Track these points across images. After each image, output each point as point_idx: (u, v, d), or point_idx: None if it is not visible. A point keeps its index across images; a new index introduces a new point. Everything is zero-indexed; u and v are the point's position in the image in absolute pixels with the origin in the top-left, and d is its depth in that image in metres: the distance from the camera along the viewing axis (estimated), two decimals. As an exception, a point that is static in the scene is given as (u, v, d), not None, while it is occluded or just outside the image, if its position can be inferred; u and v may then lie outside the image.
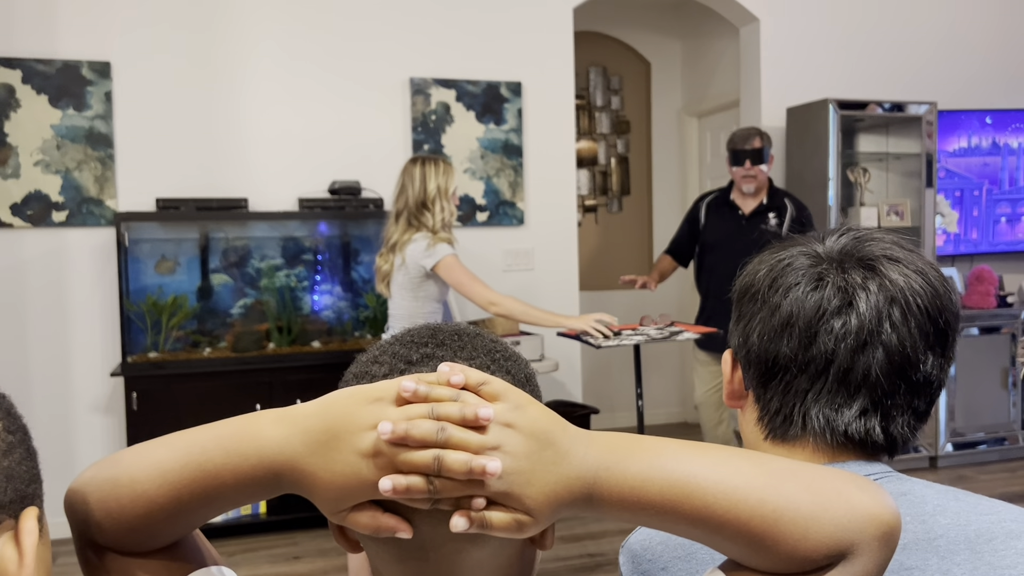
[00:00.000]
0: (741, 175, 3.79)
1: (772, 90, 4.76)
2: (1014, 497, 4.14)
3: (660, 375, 5.74)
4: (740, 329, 0.88)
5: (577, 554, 3.50)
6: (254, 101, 4.04)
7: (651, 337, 3.23)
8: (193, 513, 0.60)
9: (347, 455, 0.55)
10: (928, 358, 0.83)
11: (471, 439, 0.55)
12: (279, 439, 0.57)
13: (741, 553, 0.57)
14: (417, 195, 3.00)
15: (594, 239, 5.83)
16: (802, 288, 0.83)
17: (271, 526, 3.81)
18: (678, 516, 0.56)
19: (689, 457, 0.57)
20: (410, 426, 0.54)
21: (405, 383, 0.55)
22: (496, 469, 0.54)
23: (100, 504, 0.59)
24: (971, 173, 4.98)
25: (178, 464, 0.58)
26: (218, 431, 0.59)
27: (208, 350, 3.90)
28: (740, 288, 0.89)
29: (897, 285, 0.82)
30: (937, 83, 5.02)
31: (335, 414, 0.56)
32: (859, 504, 0.56)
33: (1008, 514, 0.86)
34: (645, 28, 5.87)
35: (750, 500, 0.55)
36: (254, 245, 4.04)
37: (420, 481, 0.54)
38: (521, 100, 4.36)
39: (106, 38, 3.85)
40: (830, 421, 0.83)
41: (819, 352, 0.81)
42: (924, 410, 0.85)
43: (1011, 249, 5.08)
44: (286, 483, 0.58)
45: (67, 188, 3.81)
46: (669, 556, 0.86)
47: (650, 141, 5.94)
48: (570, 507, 0.57)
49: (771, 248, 0.90)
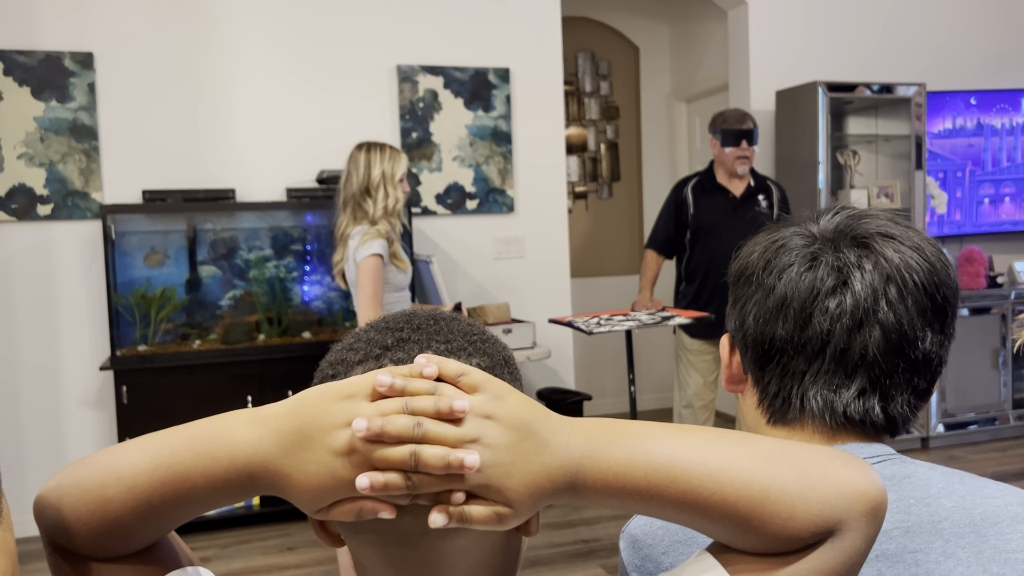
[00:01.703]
0: (736, 156, 3.74)
1: (761, 73, 4.75)
2: (1006, 476, 4.17)
3: (652, 361, 5.75)
4: (736, 312, 0.87)
5: (571, 540, 3.50)
6: (240, 90, 4.00)
7: (642, 323, 3.22)
8: (165, 517, 0.58)
9: (321, 455, 0.54)
10: (927, 335, 0.82)
11: (448, 433, 0.53)
12: (251, 441, 0.56)
13: (729, 535, 0.57)
14: (361, 181, 2.96)
15: (584, 226, 5.81)
16: (796, 269, 0.82)
17: (264, 518, 3.80)
18: (664, 501, 0.55)
19: (673, 440, 0.56)
20: (385, 422, 0.53)
21: (380, 377, 0.54)
22: (474, 463, 0.53)
23: (70, 510, 0.57)
24: (955, 155, 4.99)
25: (148, 467, 0.56)
26: (189, 433, 0.57)
27: (198, 342, 3.87)
28: (735, 271, 0.88)
29: (892, 262, 0.81)
30: (925, 64, 5.01)
31: (306, 414, 0.55)
32: (846, 481, 0.55)
33: (1014, 497, 0.85)
34: (633, 13, 5.84)
35: (736, 482, 0.54)
36: (242, 236, 4.01)
37: (398, 477, 0.53)
38: (509, 86, 4.34)
39: (88, 28, 3.81)
40: (829, 402, 0.82)
41: (815, 333, 0.81)
42: (925, 388, 0.84)
43: (995, 230, 5.09)
44: (261, 485, 0.56)
45: (52, 181, 3.77)
46: (670, 540, 0.85)
47: (639, 126, 5.92)
48: (552, 496, 0.56)
49: (765, 229, 0.89)
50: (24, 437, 3.78)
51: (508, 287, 4.37)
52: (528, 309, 4.37)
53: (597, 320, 3.31)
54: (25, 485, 3.76)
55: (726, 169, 3.82)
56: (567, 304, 4.51)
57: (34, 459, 3.80)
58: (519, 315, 4.31)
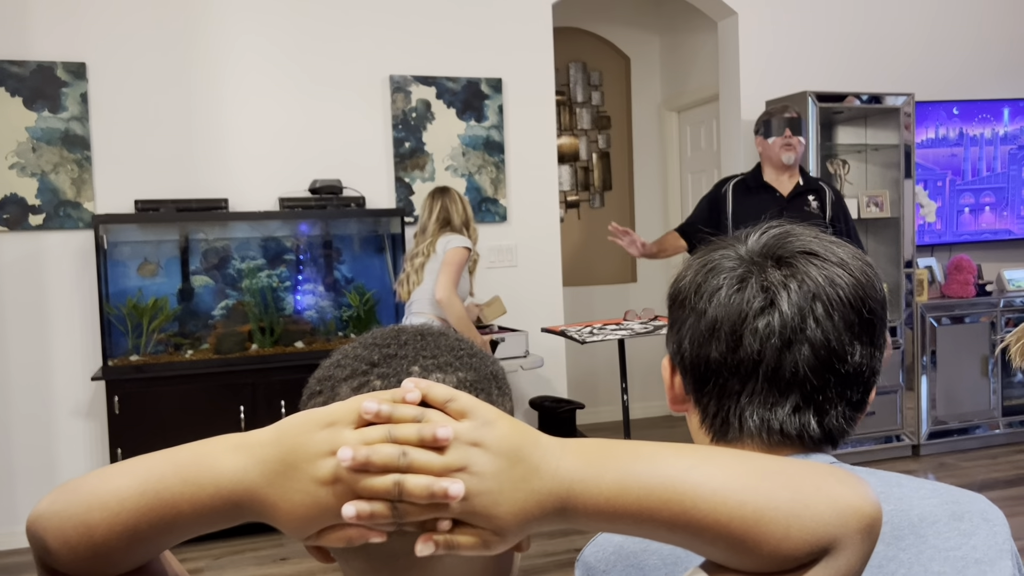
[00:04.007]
0: (781, 144, 3.56)
1: (751, 83, 4.78)
2: (997, 483, 4.19)
3: (645, 370, 5.76)
4: (674, 335, 0.88)
5: (564, 549, 3.50)
6: (233, 100, 4.01)
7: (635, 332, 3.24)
8: (151, 542, 0.58)
9: (305, 484, 0.54)
10: (856, 349, 0.83)
11: (433, 462, 0.53)
12: (236, 469, 0.56)
13: (723, 555, 0.56)
14: (461, 217, 3.63)
15: (576, 235, 5.83)
16: (725, 291, 0.83)
17: (257, 528, 3.79)
18: (656, 523, 0.55)
19: (666, 461, 0.55)
20: (371, 451, 0.53)
21: (366, 404, 0.54)
22: (458, 492, 0.52)
23: (57, 533, 0.57)
24: (937, 164, 5.02)
25: (135, 493, 0.56)
26: (176, 458, 0.57)
27: (190, 352, 3.87)
28: (670, 294, 0.90)
29: (816, 280, 0.82)
30: (913, 75, 5.05)
31: (290, 443, 0.55)
32: (840, 498, 0.55)
33: (949, 496, 0.88)
34: (624, 23, 5.88)
35: (729, 502, 0.54)
36: (235, 246, 4.01)
37: (383, 507, 0.53)
38: (502, 97, 4.36)
39: (81, 38, 3.81)
40: (765, 420, 0.83)
41: (746, 354, 0.82)
42: (859, 400, 0.86)
43: (975, 239, 5.12)
44: (247, 512, 0.56)
45: (43, 191, 3.76)
46: (623, 565, 0.86)
47: (631, 136, 5.95)
48: (541, 522, 0.55)
49: (698, 252, 0.90)
50: (15, 447, 3.77)
51: (501, 296, 4.38)
52: (521, 318, 4.38)
53: (590, 329, 3.33)
54: (15, 496, 3.75)
55: (773, 164, 3.64)
56: (560, 313, 4.52)
57: (25, 470, 3.78)
58: (512, 324, 4.31)
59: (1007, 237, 5.15)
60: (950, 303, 4.77)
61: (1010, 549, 0.87)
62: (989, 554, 0.85)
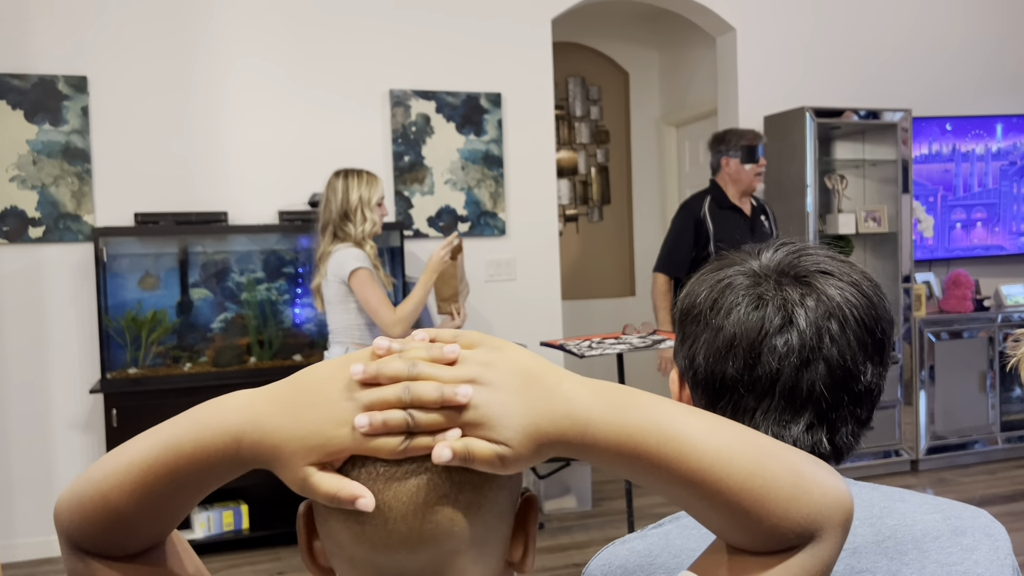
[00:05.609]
0: (755, 172, 3.69)
1: (749, 99, 4.80)
2: (996, 499, 4.18)
3: (644, 384, 5.76)
4: (685, 350, 0.88)
5: (563, 564, 3.49)
6: (233, 114, 4.02)
7: (634, 346, 3.24)
8: (162, 501, 0.58)
9: (317, 405, 0.55)
10: (868, 368, 0.84)
11: (443, 372, 0.55)
12: (243, 404, 0.57)
13: (725, 523, 0.57)
14: (340, 207, 3.08)
15: (575, 248, 5.84)
16: (743, 308, 0.84)
17: (254, 542, 3.78)
18: (672, 475, 0.56)
19: (685, 419, 0.56)
20: (381, 364, 0.55)
21: (378, 341, 0.57)
22: (468, 393, 0.54)
23: (77, 505, 0.59)
24: (930, 180, 5.04)
25: (146, 448, 0.58)
26: (193, 409, 0.59)
27: (189, 365, 3.87)
28: (682, 309, 0.90)
29: (833, 300, 0.83)
30: (911, 90, 5.08)
31: (304, 376, 0.58)
32: (831, 488, 0.57)
33: (951, 511, 0.89)
34: (623, 38, 5.91)
35: (741, 472, 0.55)
36: (234, 259, 4.01)
37: (396, 414, 0.54)
38: (501, 111, 4.38)
39: (82, 52, 3.83)
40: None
41: (764, 372, 0.82)
42: (866, 418, 0.87)
43: (967, 254, 5.12)
44: (247, 446, 0.56)
45: (44, 204, 3.77)
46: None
47: (629, 150, 5.98)
48: (554, 446, 0.56)
49: (707, 267, 0.91)
50: (13, 460, 3.75)
51: (499, 310, 4.39)
52: (519, 332, 4.38)
53: (589, 343, 3.33)
54: (13, 509, 3.73)
55: (740, 188, 3.72)
56: (558, 327, 4.52)
57: (23, 482, 3.77)
58: (511, 338, 4.31)
59: (999, 253, 5.17)
60: (948, 318, 4.78)
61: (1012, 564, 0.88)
62: (991, 569, 0.86)
